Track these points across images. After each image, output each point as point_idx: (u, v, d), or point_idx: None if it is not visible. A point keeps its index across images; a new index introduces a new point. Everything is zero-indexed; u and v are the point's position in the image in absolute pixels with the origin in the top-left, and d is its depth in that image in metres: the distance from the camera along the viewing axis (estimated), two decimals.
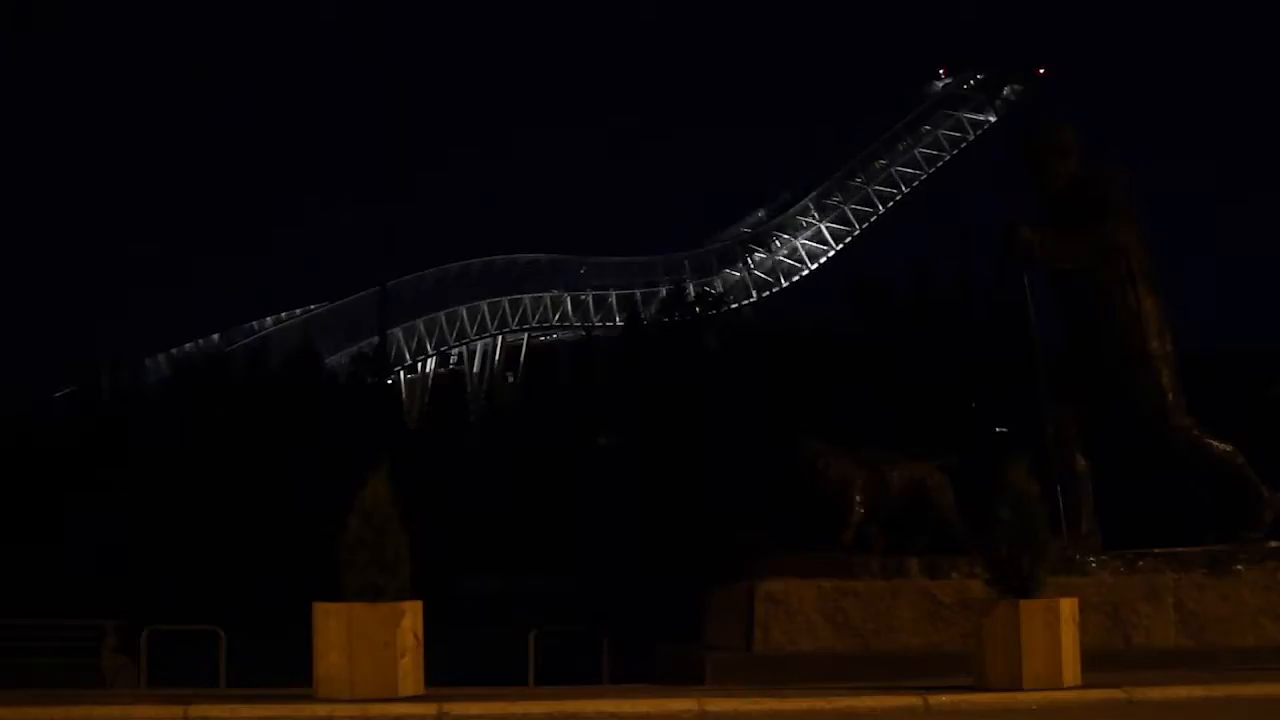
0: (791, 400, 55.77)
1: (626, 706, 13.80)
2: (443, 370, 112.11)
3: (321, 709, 13.66)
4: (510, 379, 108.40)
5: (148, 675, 21.77)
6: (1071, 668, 14.62)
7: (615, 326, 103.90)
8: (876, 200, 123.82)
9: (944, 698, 14.11)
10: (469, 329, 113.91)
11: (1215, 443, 18.37)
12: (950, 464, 18.54)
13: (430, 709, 13.59)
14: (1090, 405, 18.50)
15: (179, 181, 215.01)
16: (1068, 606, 14.83)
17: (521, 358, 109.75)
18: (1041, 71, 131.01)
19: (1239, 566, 17.71)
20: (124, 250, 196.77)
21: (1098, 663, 15.50)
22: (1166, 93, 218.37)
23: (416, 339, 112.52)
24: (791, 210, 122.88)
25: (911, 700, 13.99)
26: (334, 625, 14.25)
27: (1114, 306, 18.34)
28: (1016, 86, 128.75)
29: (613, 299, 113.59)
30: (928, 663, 16.52)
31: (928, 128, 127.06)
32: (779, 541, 18.34)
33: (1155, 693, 14.29)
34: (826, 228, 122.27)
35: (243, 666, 21.67)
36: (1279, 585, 17.60)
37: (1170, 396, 18.32)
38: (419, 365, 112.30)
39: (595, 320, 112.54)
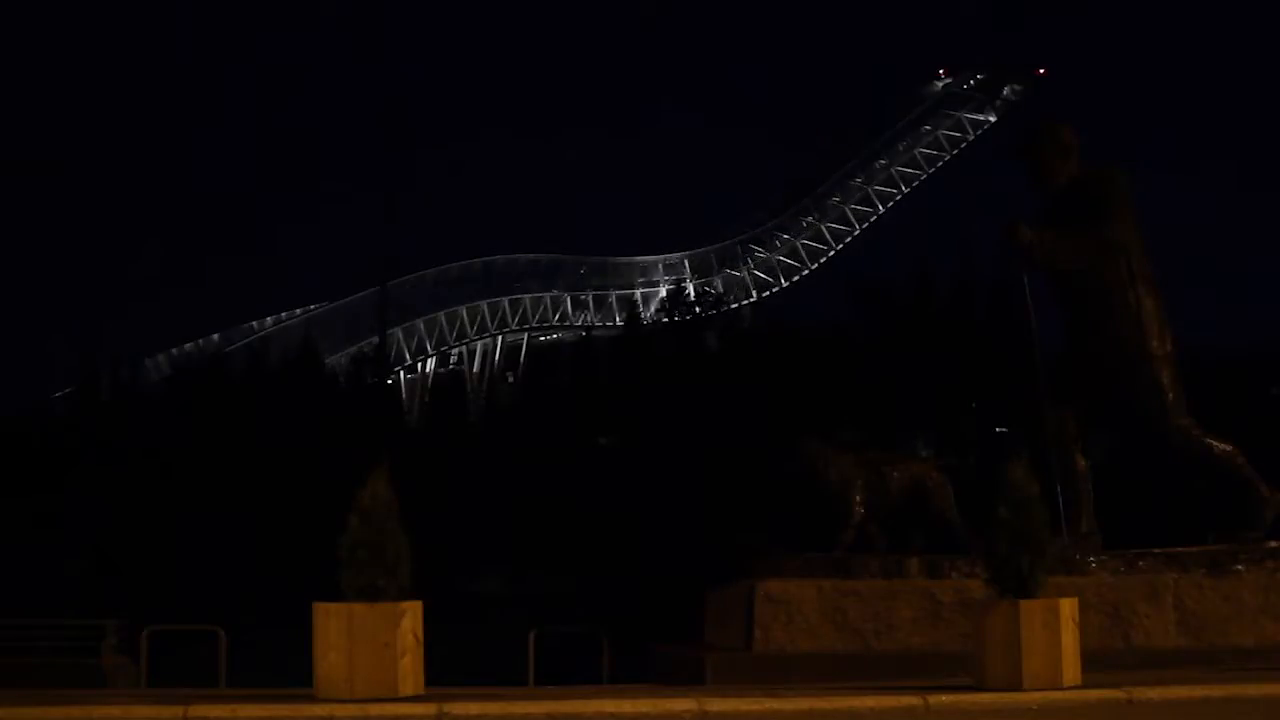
0: (791, 400, 55.73)
1: (626, 706, 13.79)
2: (443, 370, 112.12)
3: (321, 709, 13.66)
4: (510, 379, 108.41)
5: (148, 675, 21.72)
6: (1071, 668, 14.61)
7: (615, 326, 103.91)
8: (876, 200, 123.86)
9: (944, 698, 14.10)
10: (469, 329, 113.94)
11: (1215, 442, 18.36)
12: (950, 463, 18.54)
13: (430, 709, 13.58)
14: (1090, 405, 18.49)
15: (179, 182, 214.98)
16: (1068, 606, 14.82)
17: (521, 358, 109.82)
18: (1041, 71, 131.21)
19: (1239, 566, 17.69)
20: (124, 250, 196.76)
21: (1098, 663, 15.50)
22: (1166, 93, 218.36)
23: (416, 339, 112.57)
24: (791, 210, 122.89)
25: (911, 700, 13.98)
26: (334, 625, 14.24)
27: (1114, 306, 18.33)
28: (1016, 86, 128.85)
29: (613, 299, 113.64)
30: (928, 663, 16.52)
31: (928, 128, 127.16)
32: (779, 541, 18.34)
33: (1155, 693, 14.28)
34: (826, 228, 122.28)
35: (243, 666, 21.64)
36: (1279, 585, 17.60)
37: (1170, 396, 18.32)
38: (419, 365, 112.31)
39: (595, 320, 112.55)
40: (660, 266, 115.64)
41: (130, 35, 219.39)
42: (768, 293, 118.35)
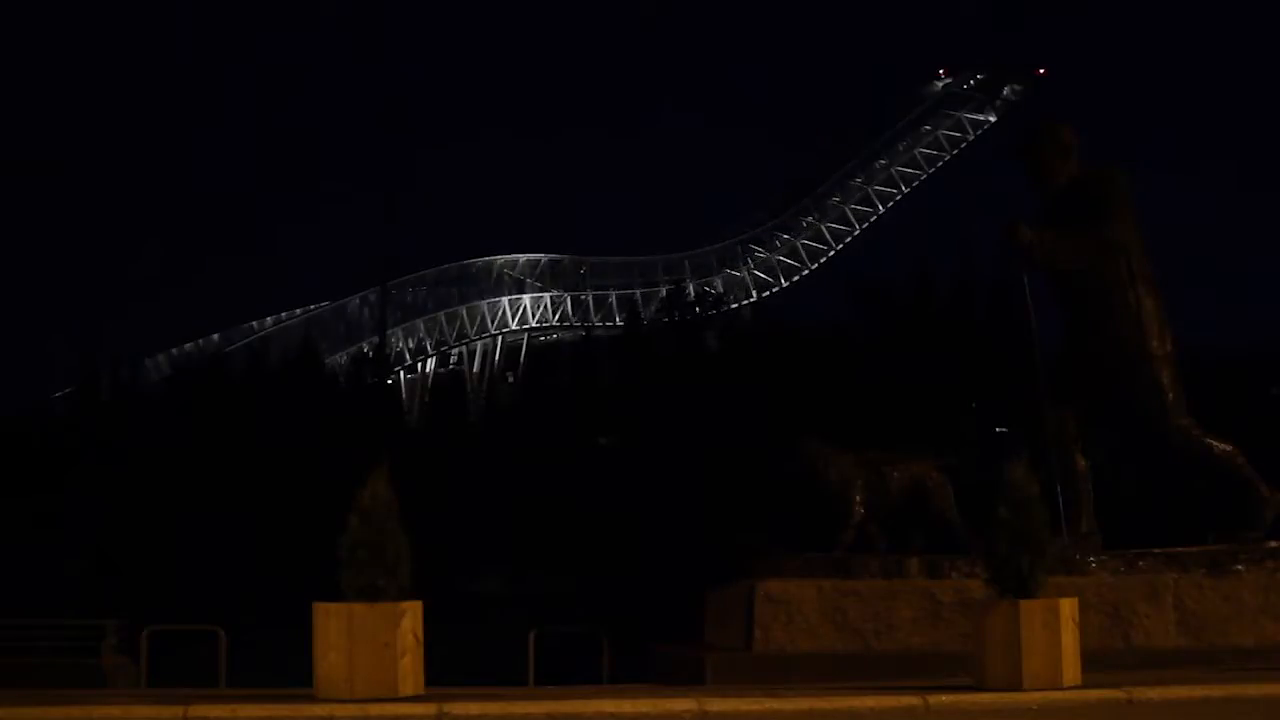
0: (792, 400, 55.73)
1: (626, 706, 13.80)
2: (443, 370, 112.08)
3: (321, 709, 13.66)
4: (510, 379, 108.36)
5: (148, 675, 21.72)
6: (1071, 668, 14.61)
7: (615, 326, 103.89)
8: (876, 200, 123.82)
9: (944, 698, 14.10)
10: (469, 329, 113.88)
11: (1215, 442, 18.37)
12: (950, 464, 18.55)
13: (430, 709, 13.58)
14: (1090, 405, 18.50)
15: (179, 182, 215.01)
16: (1068, 606, 14.82)
17: (521, 358, 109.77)
18: (1041, 71, 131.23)
19: (1239, 566, 17.70)
20: (124, 250, 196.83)
21: (1098, 663, 15.50)
22: (1166, 93, 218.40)
23: (416, 339, 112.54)
24: (791, 210, 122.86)
25: (911, 700, 13.99)
26: (334, 625, 14.24)
27: (1114, 306, 18.34)
28: (1016, 86, 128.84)
29: (613, 299, 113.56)
30: (928, 663, 16.52)
31: (928, 128, 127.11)
32: (779, 541, 18.34)
33: (1155, 693, 14.28)
34: (826, 228, 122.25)
35: (243, 666, 21.65)
36: (1279, 585, 17.60)
37: (1170, 396, 18.32)
38: (419, 365, 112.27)
39: (595, 320, 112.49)
40: (660, 266, 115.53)
41: (130, 35, 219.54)
42: (768, 293, 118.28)
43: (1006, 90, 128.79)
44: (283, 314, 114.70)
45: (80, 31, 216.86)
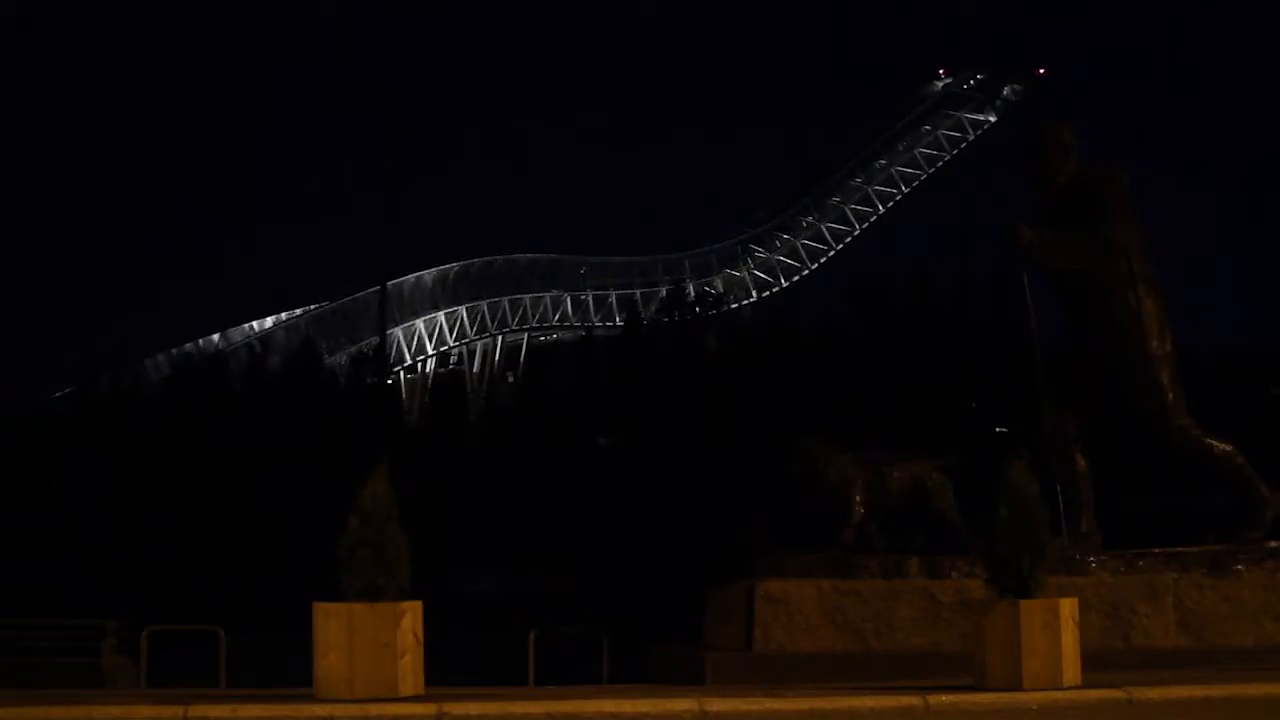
0: (792, 400, 55.73)
1: (626, 706, 13.80)
2: (443, 370, 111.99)
3: (321, 709, 13.67)
4: (510, 379, 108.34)
5: (148, 675, 21.74)
6: (1071, 668, 14.62)
7: (615, 326, 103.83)
8: (876, 200, 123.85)
9: (944, 698, 14.11)
10: (469, 329, 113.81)
11: (1215, 442, 18.39)
12: (950, 464, 18.57)
13: (430, 709, 13.59)
14: (1090, 405, 18.51)
15: (178, 182, 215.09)
16: (1068, 606, 14.83)
17: (521, 358, 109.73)
18: (1041, 71, 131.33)
19: (1239, 566, 17.72)
20: (124, 251, 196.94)
21: (1098, 663, 15.51)
22: (1166, 93, 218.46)
23: (416, 339, 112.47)
24: (791, 210, 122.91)
25: (911, 700, 13.99)
26: (334, 625, 14.25)
27: (1114, 306, 18.36)
28: (1016, 86, 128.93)
29: (613, 299, 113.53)
30: (928, 663, 16.53)
31: (928, 128, 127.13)
32: (779, 541, 18.35)
33: (1155, 693, 14.29)
34: (826, 228, 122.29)
35: (243, 666, 21.67)
36: (1279, 585, 17.61)
37: (1170, 396, 18.34)
38: (419, 365, 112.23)
39: (595, 320, 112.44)
40: (660, 266, 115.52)
41: (129, 35, 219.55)
42: (768, 293, 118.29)
43: (1006, 90, 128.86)
44: (283, 314, 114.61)
45: (78, 30, 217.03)
